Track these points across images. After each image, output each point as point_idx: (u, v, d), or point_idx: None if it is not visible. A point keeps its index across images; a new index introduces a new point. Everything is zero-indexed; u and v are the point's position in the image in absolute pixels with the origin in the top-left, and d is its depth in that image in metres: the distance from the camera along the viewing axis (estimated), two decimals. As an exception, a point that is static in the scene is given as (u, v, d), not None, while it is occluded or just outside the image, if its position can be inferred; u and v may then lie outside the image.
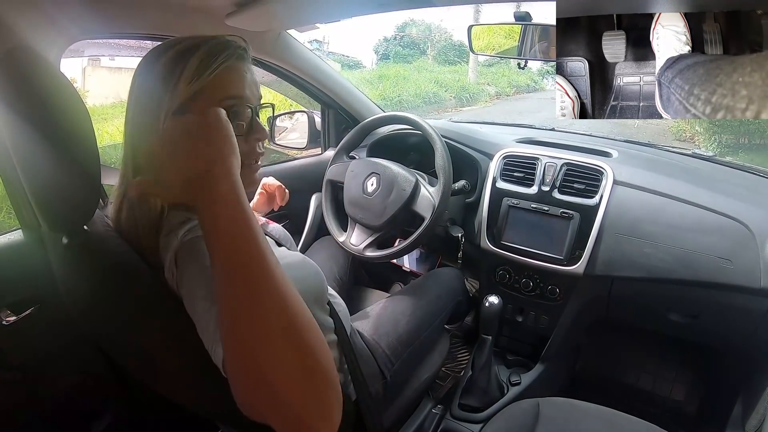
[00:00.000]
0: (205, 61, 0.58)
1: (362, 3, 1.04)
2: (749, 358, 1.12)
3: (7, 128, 0.55)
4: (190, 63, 0.57)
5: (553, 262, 1.13)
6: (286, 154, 1.75)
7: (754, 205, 1.03)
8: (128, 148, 0.60)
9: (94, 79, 7.28)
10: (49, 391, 0.89)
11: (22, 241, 0.85)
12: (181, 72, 0.57)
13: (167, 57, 0.58)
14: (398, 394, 0.97)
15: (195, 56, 0.57)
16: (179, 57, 0.58)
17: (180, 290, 0.54)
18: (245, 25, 1.09)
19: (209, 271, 0.43)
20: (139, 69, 0.60)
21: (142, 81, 0.59)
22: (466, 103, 9.50)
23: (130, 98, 0.60)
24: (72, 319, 0.66)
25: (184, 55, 0.58)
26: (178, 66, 0.57)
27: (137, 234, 0.60)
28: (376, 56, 14.08)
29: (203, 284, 0.50)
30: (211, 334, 0.47)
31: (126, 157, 0.61)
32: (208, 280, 0.49)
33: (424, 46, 13.91)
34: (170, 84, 0.57)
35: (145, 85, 0.59)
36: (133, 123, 0.60)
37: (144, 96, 0.59)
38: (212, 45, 0.59)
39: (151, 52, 0.61)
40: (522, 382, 1.25)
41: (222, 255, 0.41)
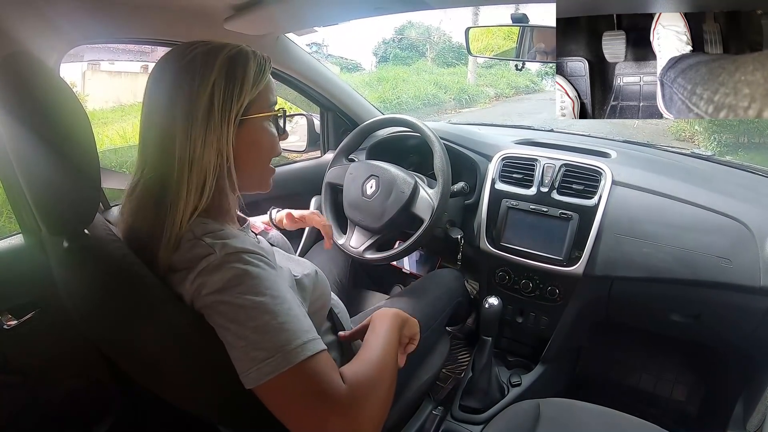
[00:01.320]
0: (258, 67, 0.61)
1: (359, 6, 1.04)
2: (749, 357, 1.12)
3: (7, 133, 0.55)
4: (248, 68, 0.59)
5: (553, 263, 1.13)
6: (286, 157, 1.75)
7: (753, 204, 1.03)
8: (158, 153, 0.58)
9: (94, 83, 7.29)
10: (50, 395, 0.89)
11: (22, 245, 0.86)
12: (243, 76, 0.59)
13: (223, 59, 0.58)
14: (399, 395, 0.96)
15: (251, 62, 0.60)
16: (235, 61, 0.59)
17: (211, 302, 0.53)
18: (244, 29, 1.10)
19: (256, 317, 0.51)
20: (179, 71, 0.58)
21: (188, 82, 0.57)
22: (465, 105, 9.50)
23: (161, 100, 0.59)
24: (73, 322, 0.66)
25: (239, 60, 0.59)
26: (238, 70, 0.59)
27: (149, 238, 0.58)
28: (375, 58, 14.09)
29: (249, 324, 0.51)
30: (242, 366, 0.51)
31: (146, 162, 0.60)
32: (249, 320, 0.51)
33: (423, 48, 13.93)
34: (236, 87, 0.58)
35: (196, 86, 0.57)
36: (165, 126, 0.58)
37: (201, 98, 0.57)
38: (252, 52, 0.61)
39: (170, 57, 0.60)
40: (522, 383, 1.25)
41: (377, 350, 0.63)
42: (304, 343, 0.51)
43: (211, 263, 0.53)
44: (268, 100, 0.63)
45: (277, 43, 1.27)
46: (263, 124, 0.64)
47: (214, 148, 0.57)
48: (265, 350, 0.50)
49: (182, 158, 0.57)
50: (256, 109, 0.62)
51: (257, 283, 0.53)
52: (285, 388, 0.50)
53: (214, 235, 0.57)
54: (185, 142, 0.57)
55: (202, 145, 0.57)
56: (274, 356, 0.50)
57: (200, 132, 0.57)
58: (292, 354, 0.50)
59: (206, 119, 0.57)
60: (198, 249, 0.55)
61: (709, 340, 1.20)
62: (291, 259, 0.76)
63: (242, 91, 0.59)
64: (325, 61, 11.06)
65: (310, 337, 0.53)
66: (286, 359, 0.50)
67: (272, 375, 0.49)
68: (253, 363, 0.50)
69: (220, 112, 0.57)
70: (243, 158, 0.62)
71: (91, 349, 0.90)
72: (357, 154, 1.38)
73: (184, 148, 0.57)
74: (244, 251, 0.55)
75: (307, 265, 0.75)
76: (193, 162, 0.57)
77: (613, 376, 1.47)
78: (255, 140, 0.63)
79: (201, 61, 0.58)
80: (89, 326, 0.66)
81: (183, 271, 0.55)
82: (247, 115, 0.61)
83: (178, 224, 0.56)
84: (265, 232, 0.92)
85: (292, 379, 0.50)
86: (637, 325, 1.29)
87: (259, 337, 0.50)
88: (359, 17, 1.14)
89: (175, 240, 0.56)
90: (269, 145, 0.65)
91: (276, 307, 0.52)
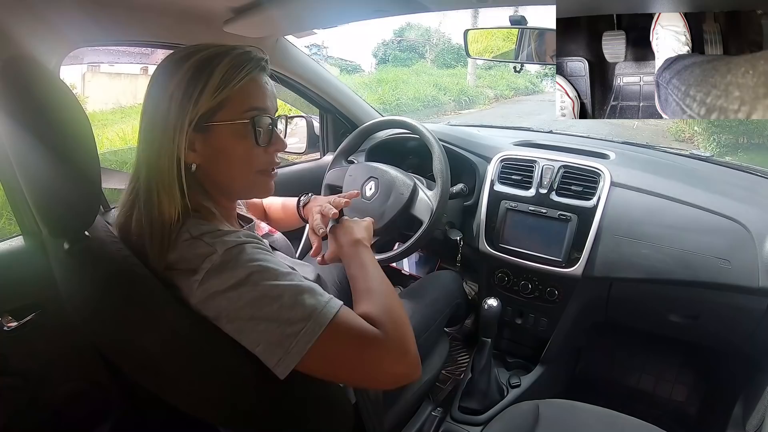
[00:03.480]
0: (231, 71, 0.59)
1: (359, 9, 1.04)
2: (749, 358, 1.12)
3: (7, 135, 0.55)
4: (215, 72, 0.58)
5: (552, 264, 1.14)
6: (285, 159, 1.76)
7: (752, 205, 1.03)
8: (144, 155, 0.60)
9: (94, 85, 7.31)
10: (50, 397, 0.89)
11: (22, 247, 0.86)
12: (206, 81, 0.57)
13: (191, 64, 0.58)
14: (398, 397, 0.97)
15: (221, 65, 0.58)
16: (204, 65, 0.58)
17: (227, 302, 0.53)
18: (243, 32, 1.10)
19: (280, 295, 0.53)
20: (158, 76, 0.60)
21: (161, 88, 0.59)
22: (464, 107, 9.53)
23: (148, 104, 0.60)
24: (73, 324, 0.66)
25: (209, 64, 0.58)
26: (203, 74, 0.57)
27: (142, 237, 0.59)
28: (375, 60, 14.12)
29: (275, 305, 0.52)
30: (281, 348, 0.52)
31: (139, 163, 0.61)
32: (273, 302, 0.53)
33: (423, 50, 13.96)
34: (195, 92, 0.57)
35: (165, 92, 0.58)
36: (152, 130, 0.59)
37: (164, 103, 0.58)
38: (236, 55, 0.60)
39: (168, 59, 0.60)
40: (522, 384, 1.25)
41: (369, 280, 0.67)
42: (326, 303, 0.54)
43: (214, 262, 0.54)
44: (242, 106, 0.60)
45: (277, 46, 1.27)
46: (232, 131, 0.61)
47: (169, 154, 0.58)
48: (295, 324, 0.52)
49: (143, 161, 0.60)
50: (224, 115, 0.60)
51: (265, 267, 0.55)
52: (329, 348, 0.53)
53: (213, 235, 0.57)
54: (146, 146, 0.59)
55: (158, 150, 0.58)
56: (306, 325, 0.52)
57: (157, 137, 0.58)
58: (321, 316, 0.53)
59: (162, 124, 0.58)
60: (198, 248, 0.56)
61: (708, 341, 1.20)
62: (294, 263, 0.77)
63: (201, 95, 0.57)
64: (325, 63, 11.08)
65: (327, 298, 0.56)
66: (318, 323, 0.52)
67: (312, 342, 0.52)
68: (289, 339, 0.52)
69: (175, 117, 0.57)
70: (213, 166, 0.62)
71: (92, 351, 0.90)
72: (356, 155, 1.38)
73: (145, 152, 0.59)
74: (243, 242, 0.56)
75: (309, 270, 0.76)
76: (151, 167, 0.59)
77: (613, 377, 1.47)
78: (222, 148, 0.61)
79: (174, 66, 0.59)
80: (90, 328, 0.66)
81: (184, 271, 0.56)
82: (212, 122, 0.59)
83: (168, 224, 0.57)
84: (269, 234, 0.92)
85: (332, 338, 0.53)
86: (636, 326, 1.29)
87: (286, 315, 0.52)
88: (358, 19, 1.14)
89: (168, 240, 0.57)
90: (242, 153, 0.62)
91: (289, 285, 0.54)
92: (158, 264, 0.57)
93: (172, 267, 0.57)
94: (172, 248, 0.57)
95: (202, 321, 0.54)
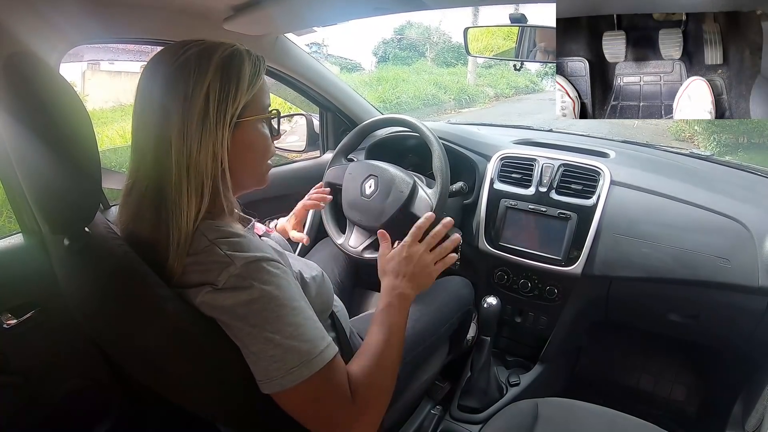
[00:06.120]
0: (253, 69, 0.60)
1: (358, 6, 1.04)
2: (748, 357, 1.12)
3: (8, 132, 0.55)
4: (244, 70, 0.59)
5: (551, 263, 1.14)
6: (285, 157, 1.76)
7: (752, 204, 1.03)
8: (149, 153, 0.58)
9: (94, 83, 7.28)
10: (51, 395, 0.89)
11: (22, 244, 0.86)
12: (238, 78, 0.58)
13: (218, 62, 0.57)
14: (398, 395, 0.96)
15: (245, 63, 0.59)
16: (229, 63, 0.58)
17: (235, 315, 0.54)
18: (243, 30, 1.10)
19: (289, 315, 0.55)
20: (160, 77, 0.58)
21: (187, 85, 0.56)
22: (465, 105, 9.50)
23: (152, 103, 0.58)
24: (73, 322, 0.66)
25: (232, 62, 0.58)
26: (233, 72, 0.58)
27: (155, 243, 0.58)
28: (375, 58, 14.07)
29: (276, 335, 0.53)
30: (265, 374, 0.53)
31: (139, 163, 0.59)
32: (275, 332, 0.53)
33: (423, 48, 13.92)
34: (231, 89, 0.58)
35: (197, 89, 0.56)
36: (160, 128, 0.57)
37: (198, 101, 0.56)
38: (245, 52, 0.60)
39: (162, 58, 0.59)
40: (521, 382, 1.25)
41: (380, 343, 0.65)
42: (323, 349, 0.55)
43: (232, 275, 0.54)
44: (262, 102, 0.63)
45: (277, 43, 1.27)
46: (258, 126, 0.63)
47: (209, 152, 0.57)
48: (288, 360, 0.53)
49: (179, 162, 0.56)
50: (251, 111, 0.61)
51: (279, 295, 0.55)
52: (307, 392, 0.54)
53: (229, 243, 0.56)
54: (181, 145, 0.56)
55: (198, 148, 0.56)
56: (299, 365, 0.53)
57: (195, 135, 0.56)
58: (314, 362, 0.54)
59: (201, 122, 0.56)
60: (215, 256, 0.55)
61: (707, 340, 1.20)
62: (299, 260, 0.77)
63: (238, 93, 0.58)
64: (325, 61, 11.06)
65: (327, 343, 0.56)
66: (308, 367, 0.53)
67: (296, 382, 0.53)
68: (278, 372, 0.53)
69: (215, 115, 0.57)
70: (238, 160, 0.62)
71: (92, 349, 0.91)
72: (356, 153, 1.38)
73: (180, 152, 0.56)
74: (263, 259, 0.56)
75: (314, 267, 0.75)
76: (189, 166, 0.56)
77: (612, 376, 1.47)
78: (250, 142, 0.63)
79: (195, 62, 0.57)
80: (91, 324, 0.66)
81: (197, 274, 0.56)
82: (242, 118, 0.60)
83: (184, 228, 0.56)
84: (267, 233, 0.92)
85: (315, 384, 0.54)
86: (635, 325, 1.30)
87: (283, 349, 0.53)
88: (358, 17, 1.14)
89: (185, 244, 0.56)
90: (264, 146, 0.65)
91: (297, 318, 0.55)
92: (176, 268, 0.56)
93: (186, 269, 0.56)
94: (188, 252, 0.56)
95: (203, 317, 0.55)
